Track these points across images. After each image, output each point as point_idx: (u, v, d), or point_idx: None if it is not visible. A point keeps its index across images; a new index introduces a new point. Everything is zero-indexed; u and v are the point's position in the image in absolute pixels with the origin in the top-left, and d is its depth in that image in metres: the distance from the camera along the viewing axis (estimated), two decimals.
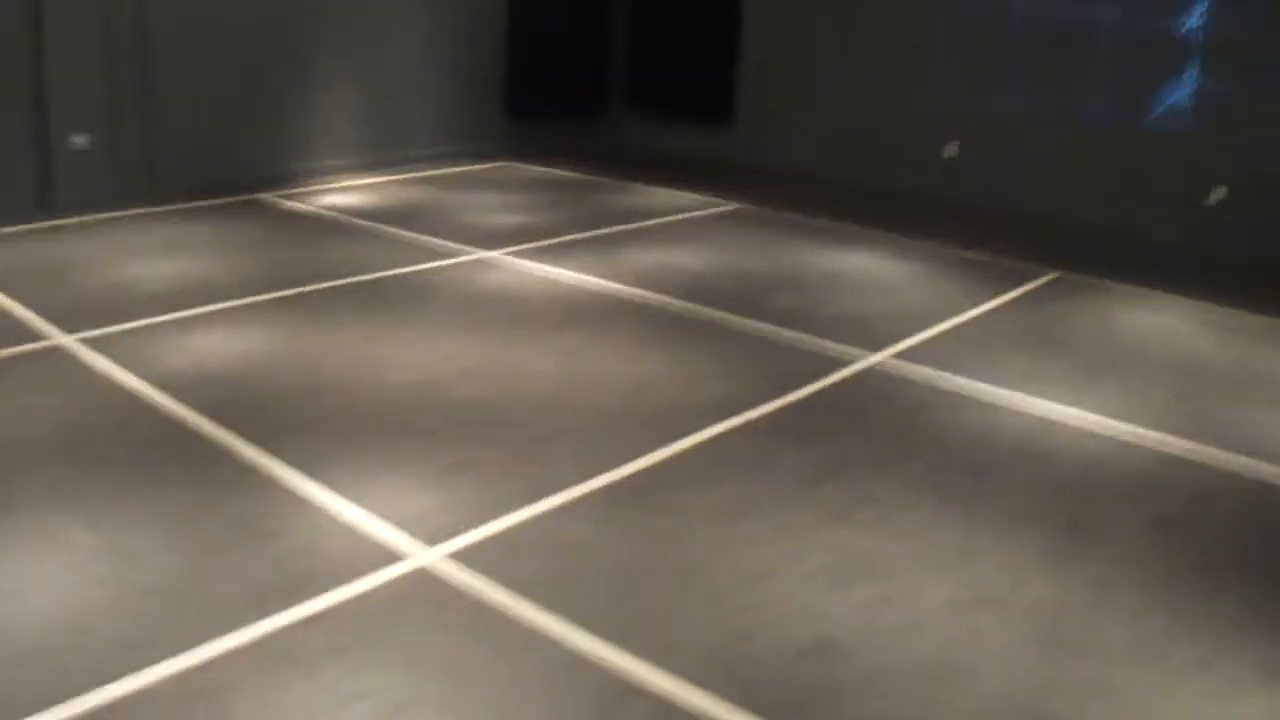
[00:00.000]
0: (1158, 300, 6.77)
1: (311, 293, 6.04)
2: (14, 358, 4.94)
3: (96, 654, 2.86)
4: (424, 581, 3.29)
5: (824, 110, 10.29)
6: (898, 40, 9.79)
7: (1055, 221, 8.72)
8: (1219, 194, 8.17)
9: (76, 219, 7.42)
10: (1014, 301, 6.56)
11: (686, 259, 7.10)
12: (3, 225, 7.11)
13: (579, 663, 2.93)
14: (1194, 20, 8.19)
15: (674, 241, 7.56)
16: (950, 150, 9.57)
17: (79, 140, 7.81)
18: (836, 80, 10.20)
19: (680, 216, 8.38)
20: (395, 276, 6.42)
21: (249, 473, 3.92)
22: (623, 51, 11.85)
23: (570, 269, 6.69)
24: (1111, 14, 8.53)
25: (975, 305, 6.43)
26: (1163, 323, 6.35)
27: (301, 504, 3.72)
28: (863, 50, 10.00)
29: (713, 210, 8.69)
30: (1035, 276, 7.12)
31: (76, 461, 3.96)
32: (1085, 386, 5.20)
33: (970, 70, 9.39)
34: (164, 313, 5.60)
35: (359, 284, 6.24)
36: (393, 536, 3.52)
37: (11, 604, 3.07)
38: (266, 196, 8.41)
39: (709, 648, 3.02)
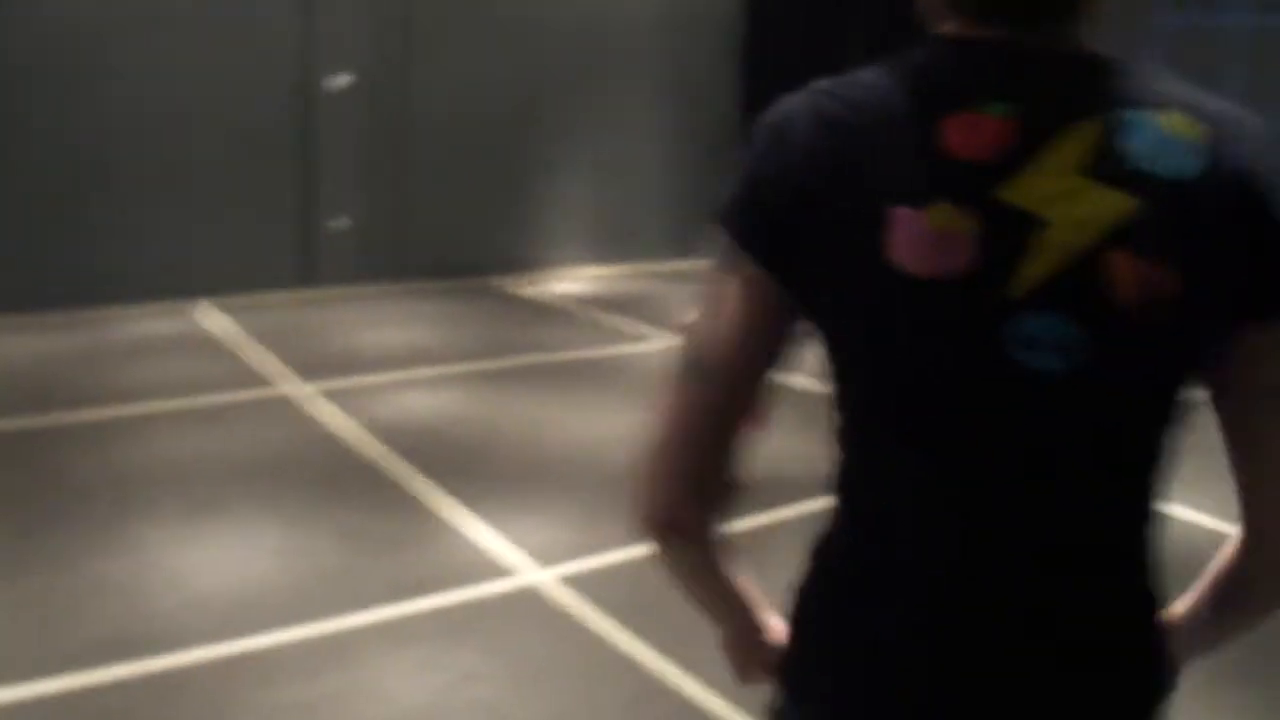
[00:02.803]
0: None
1: (511, 367, 6.85)
2: (256, 400, 5.95)
3: (261, 612, 3.62)
4: (531, 595, 3.91)
5: None
6: None
7: None
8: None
9: (333, 290, 8.59)
10: None
11: None
12: (271, 290, 8.35)
13: (654, 688, 3.45)
14: None
15: None
16: None
17: (339, 223, 8.90)
18: None
19: None
20: (588, 358, 7.15)
21: (416, 502, 4.66)
22: None
23: None
24: None
25: None
26: None
27: (450, 528, 4.40)
28: None
29: None
30: None
31: (284, 482, 4.80)
32: None
33: None
34: (385, 372, 6.53)
35: (554, 362, 7.00)
36: (516, 559, 4.16)
37: (205, 573, 3.89)
38: (501, 280, 9.38)
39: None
